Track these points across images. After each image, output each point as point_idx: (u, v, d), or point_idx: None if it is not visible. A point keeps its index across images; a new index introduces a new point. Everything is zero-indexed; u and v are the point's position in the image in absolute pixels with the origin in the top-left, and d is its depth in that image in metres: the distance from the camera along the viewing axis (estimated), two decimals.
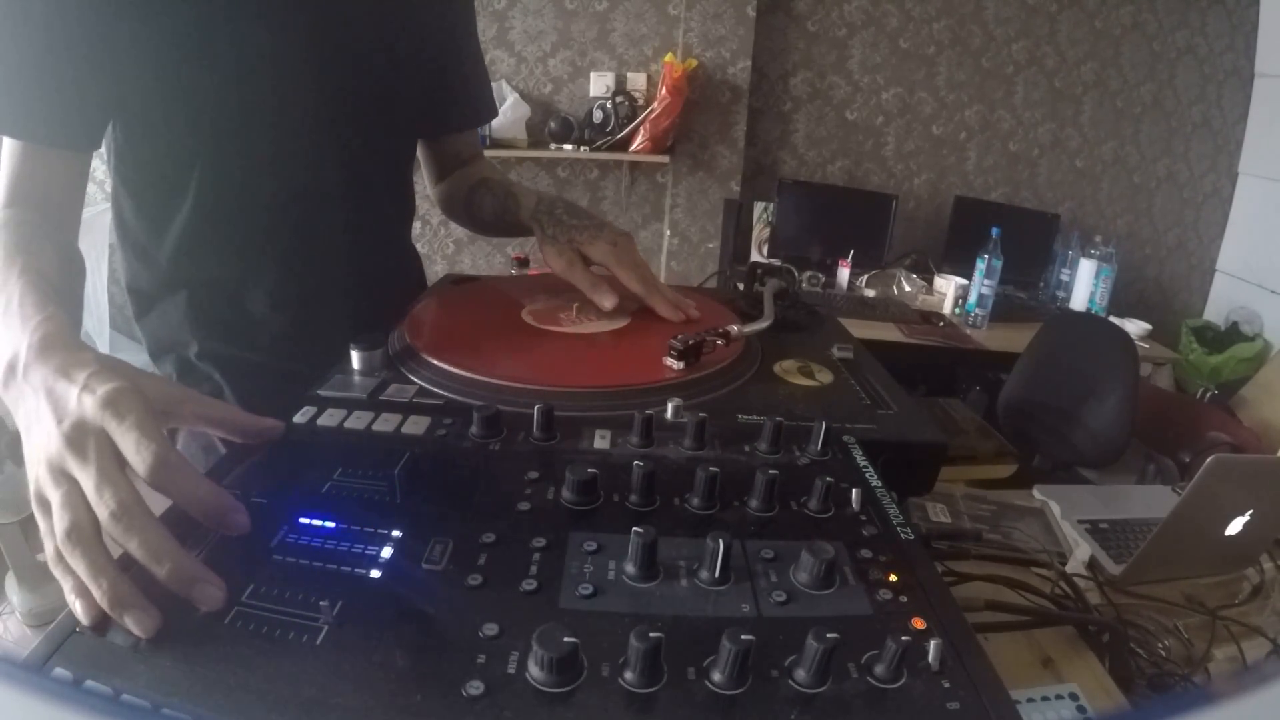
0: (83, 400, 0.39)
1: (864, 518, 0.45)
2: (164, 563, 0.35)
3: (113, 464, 0.38)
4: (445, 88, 0.88)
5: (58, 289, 0.52)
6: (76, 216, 0.66)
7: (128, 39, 0.63)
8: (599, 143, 2.68)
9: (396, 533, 0.41)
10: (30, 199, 0.62)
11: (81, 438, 0.38)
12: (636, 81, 2.74)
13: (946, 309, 2.54)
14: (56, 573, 0.36)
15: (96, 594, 0.34)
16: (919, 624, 0.37)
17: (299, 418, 0.53)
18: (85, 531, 0.36)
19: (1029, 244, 2.75)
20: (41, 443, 0.39)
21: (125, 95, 0.66)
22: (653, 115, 2.63)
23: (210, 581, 0.35)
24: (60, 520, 0.37)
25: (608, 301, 0.74)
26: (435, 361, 0.61)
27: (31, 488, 0.39)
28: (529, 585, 0.37)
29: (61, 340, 0.44)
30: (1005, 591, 0.77)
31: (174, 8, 0.64)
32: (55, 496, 0.38)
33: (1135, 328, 2.35)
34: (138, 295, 0.80)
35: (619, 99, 2.66)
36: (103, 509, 0.36)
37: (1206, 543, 0.89)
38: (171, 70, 0.66)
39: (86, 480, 0.37)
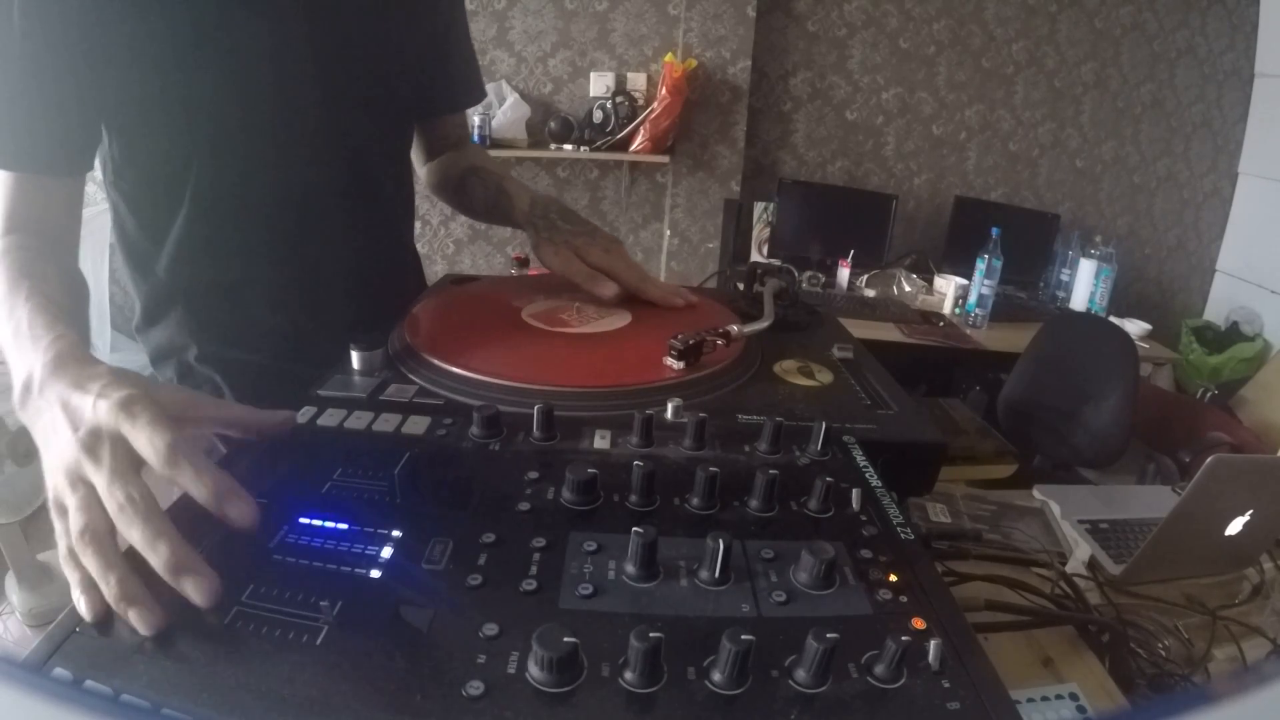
0: (98, 407, 0.40)
1: (864, 518, 0.45)
2: (160, 549, 0.35)
3: (125, 464, 0.39)
4: (436, 70, 0.88)
5: (64, 309, 0.53)
6: (75, 238, 0.67)
7: (124, 41, 0.63)
8: (599, 143, 2.67)
9: (396, 533, 0.41)
10: (29, 225, 0.62)
11: (96, 442, 0.39)
12: (636, 81, 2.73)
13: (946, 309, 2.53)
14: (67, 570, 0.37)
15: (105, 589, 0.35)
16: (919, 624, 0.37)
17: (299, 418, 0.53)
18: (98, 530, 0.37)
19: (1029, 244, 2.75)
20: (59, 452, 0.40)
21: (120, 102, 0.66)
22: (653, 115, 2.63)
23: (204, 575, 0.35)
24: (75, 521, 0.38)
25: (608, 291, 0.76)
26: (435, 361, 0.61)
27: (50, 495, 0.40)
28: (529, 585, 0.37)
29: (74, 356, 0.46)
30: (1005, 591, 0.77)
31: (170, 6, 0.64)
32: (72, 501, 0.38)
33: (1135, 328, 2.35)
34: (139, 305, 0.80)
35: (619, 99, 2.66)
36: (112, 503, 0.37)
37: (1206, 543, 0.89)
38: (169, 70, 0.66)
39: (100, 480, 0.38)
